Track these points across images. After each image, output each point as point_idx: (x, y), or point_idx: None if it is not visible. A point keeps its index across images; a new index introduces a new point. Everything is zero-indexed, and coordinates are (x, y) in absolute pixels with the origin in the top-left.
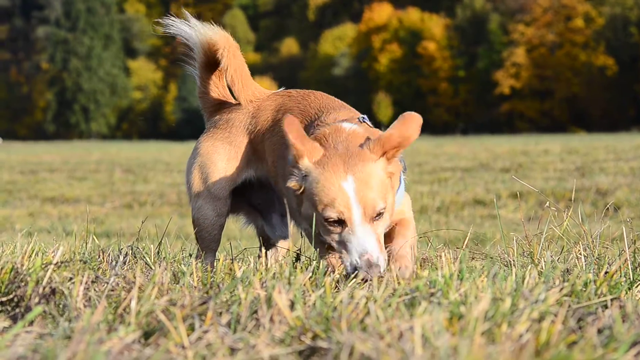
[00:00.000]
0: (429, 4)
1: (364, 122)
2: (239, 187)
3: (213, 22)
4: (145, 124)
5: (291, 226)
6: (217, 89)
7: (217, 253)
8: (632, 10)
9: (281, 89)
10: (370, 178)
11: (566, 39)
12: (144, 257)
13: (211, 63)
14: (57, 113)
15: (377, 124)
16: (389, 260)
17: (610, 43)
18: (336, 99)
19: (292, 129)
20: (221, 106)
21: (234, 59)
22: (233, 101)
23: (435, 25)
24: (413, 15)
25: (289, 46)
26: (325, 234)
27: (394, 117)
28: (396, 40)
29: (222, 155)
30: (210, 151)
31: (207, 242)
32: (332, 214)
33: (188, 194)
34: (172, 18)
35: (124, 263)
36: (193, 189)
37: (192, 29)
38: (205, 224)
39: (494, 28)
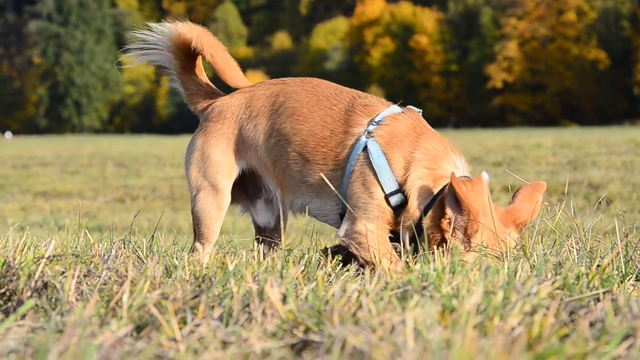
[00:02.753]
0: None
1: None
2: (236, 178)
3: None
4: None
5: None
6: (202, 87)
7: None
8: (624, 3)
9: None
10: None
11: (558, 32)
12: (136, 251)
13: (189, 59)
14: (49, 107)
15: None
16: None
17: (602, 37)
18: (338, 85)
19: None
20: (211, 101)
21: (207, 39)
22: (221, 94)
23: (427, 19)
24: (405, 9)
25: (281, 40)
26: None
27: None
28: (388, 34)
29: (217, 148)
30: (205, 145)
31: (206, 234)
32: None
33: (189, 187)
34: (131, 46)
35: (116, 257)
36: (192, 183)
37: (156, 41)
38: (204, 217)
39: (486, 22)
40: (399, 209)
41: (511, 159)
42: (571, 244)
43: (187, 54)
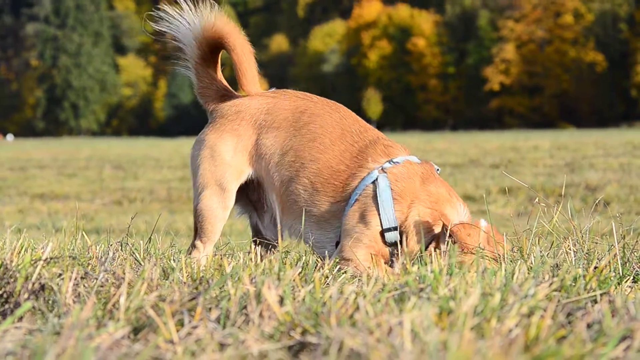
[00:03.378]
0: (418, 0)
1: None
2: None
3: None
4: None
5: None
6: (216, 81)
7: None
8: (622, 6)
9: (273, 89)
10: None
11: (555, 35)
12: (134, 253)
13: (211, 52)
14: (47, 110)
15: (367, 121)
16: None
17: (600, 39)
18: (362, 120)
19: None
20: (225, 98)
21: (240, 38)
22: (236, 93)
23: (424, 21)
24: (402, 11)
25: (279, 43)
26: None
27: (384, 114)
28: (386, 36)
29: (230, 147)
30: (217, 142)
31: (209, 233)
32: None
33: (193, 184)
34: (162, 12)
35: (113, 259)
36: (199, 180)
37: (187, 21)
38: (209, 215)
39: (484, 24)
40: (391, 246)
41: (508, 161)
42: (568, 245)
43: (211, 47)
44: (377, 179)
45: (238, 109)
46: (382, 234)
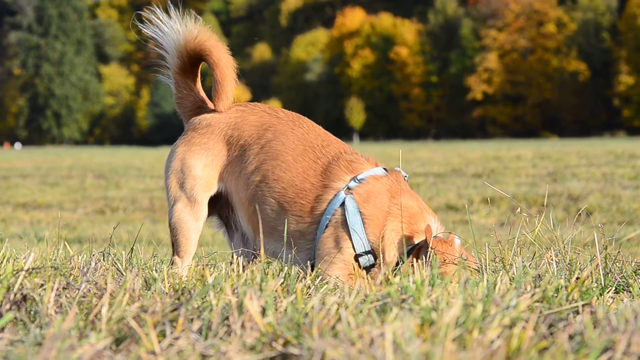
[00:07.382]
0: (401, 9)
1: None
2: (214, 194)
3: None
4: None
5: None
6: (194, 93)
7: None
8: (604, 15)
9: (244, 103)
10: None
11: (538, 44)
12: (116, 263)
13: (191, 63)
14: (29, 119)
15: (349, 130)
16: None
17: (582, 48)
18: (328, 133)
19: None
20: (200, 110)
21: (225, 55)
22: (211, 106)
23: (407, 30)
24: (385, 20)
25: (261, 52)
26: None
27: (366, 123)
28: (368, 45)
29: (199, 161)
30: (187, 156)
31: (184, 246)
32: None
33: (167, 196)
34: (152, 15)
35: (96, 269)
36: (170, 193)
37: (172, 28)
38: (182, 228)
39: (466, 33)
40: (366, 269)
41: (491, 170)
42: (550, 256)
43: (191, 58)
44: (344, 201)
45: (208, 122)
46: (356, 258)
